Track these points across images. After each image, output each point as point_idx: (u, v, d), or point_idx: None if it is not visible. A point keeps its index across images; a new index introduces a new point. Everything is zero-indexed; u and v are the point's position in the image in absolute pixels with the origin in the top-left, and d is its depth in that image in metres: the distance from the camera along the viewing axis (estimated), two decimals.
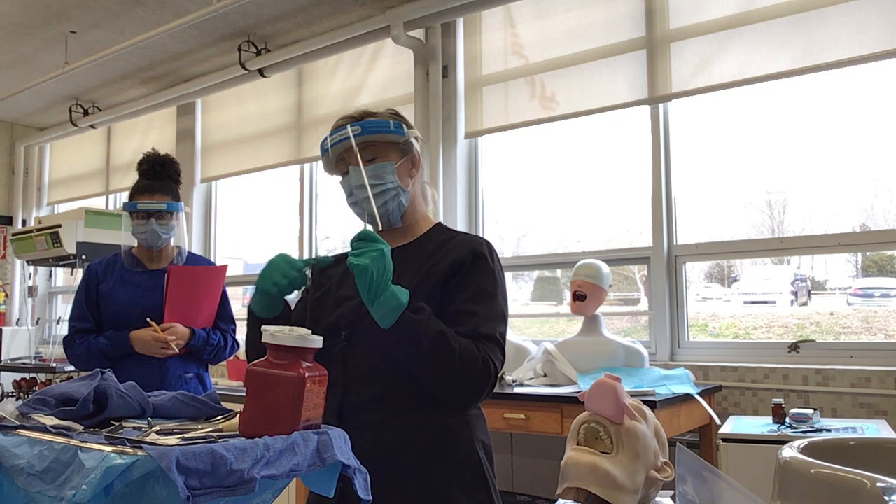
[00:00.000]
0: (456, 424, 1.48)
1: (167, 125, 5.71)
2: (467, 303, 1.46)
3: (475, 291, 1.47)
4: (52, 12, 4.32)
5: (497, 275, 1.52)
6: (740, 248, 3.32)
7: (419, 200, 1.64)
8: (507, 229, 4.21)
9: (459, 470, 1.47)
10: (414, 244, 1.59)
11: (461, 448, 1.48)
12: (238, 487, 0.88)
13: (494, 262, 1.53)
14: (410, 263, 1.53)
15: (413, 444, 1.45)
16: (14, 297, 6.36)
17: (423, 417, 1.46)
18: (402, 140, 1.58)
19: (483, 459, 1.49)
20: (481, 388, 1.43)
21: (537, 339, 3.59)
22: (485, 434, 1.54)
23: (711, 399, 2.94)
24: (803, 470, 0.72)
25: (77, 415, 1.07)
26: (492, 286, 1.49)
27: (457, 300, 1.47)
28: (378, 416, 1.45)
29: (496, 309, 1.48)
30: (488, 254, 1.52)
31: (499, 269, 1.53)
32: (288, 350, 1.04)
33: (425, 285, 1.48)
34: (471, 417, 1.51)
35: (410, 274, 1.50)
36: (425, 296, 1.46)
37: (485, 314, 1.45)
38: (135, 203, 2.52)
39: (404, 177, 1.59)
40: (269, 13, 4.20)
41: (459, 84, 4.05)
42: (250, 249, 5.79)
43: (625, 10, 3.52)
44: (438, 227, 1.64)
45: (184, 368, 2.55)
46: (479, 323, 1.44)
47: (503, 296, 1.52)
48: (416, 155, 1.61)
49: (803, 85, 3.18)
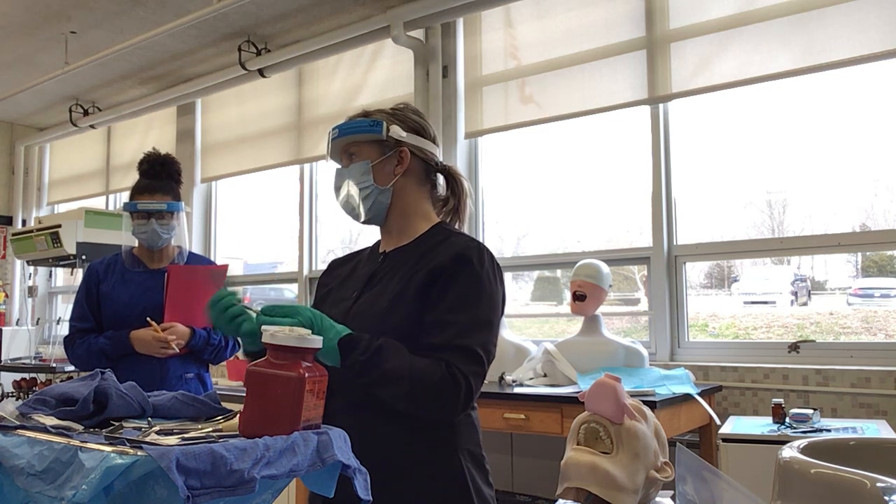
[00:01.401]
0: (438, 434, 1.43)
1: (167, 125, 5.71)
2: (447, 312, 1.40)
3: (455, 299, 1.41)
4: (52, 12, 4.32)
5: (485, 281, 1.44)
6: (740, 248, 3.32)
7: (414, 199, 1.58)
8: (507, 229, 4.21)
9: (441, 482, 1.42)
10: (410, 246, 1.55)
11: (443, 459, 1.43)
12: (238, 487, 0.88)
13: (484, 266, 1.44)
14: (401, 267, 1.51)
15: (391, 453, 1.40)
16: (14, 297, 6.37)
17: (402, 426, 1.41)
18: (379, 138, 1.54)
19: (468, 470, 1.44)
20: (449, 407, 1.37)
21: (537, 339, 3.59)
22: (473, 442, 1.49)
23: (711, 399, 2.94)
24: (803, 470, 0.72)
25: (77, 415, 1.07)
26: (474, 293, 1.42)
27: (437, 308, 1.41)
28: (356, 422, 1.34)
29: (479, 318, 1.41)
30: (476, 258, 1.44)
31: (489, 274, 1.45)
32: (288, 350, 1.04)
33: (407, 291, 1.45)
34: (457, 425, 1.46)
35: (398, 278, 1.48)
36: (407, 304, 1.43)
37: (464, 323, 1.39)
38: (135, 203, 2.52)
39: (384, 175, 1.54)
40: (269, 13, 4.20)
41: (459, 84, 4.05)
42: (250, 249, 5.80)
43: (625, 10, 3.52)
44: (436, 228, 1.57)
45: (184, 368, 2.55)
46: (457, 334, 1.38)
47: (489, 303, 1.44)
48: (405, 152, 1.55)
49: (803, 85, 3.18)
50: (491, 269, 1.46)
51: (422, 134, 1.58)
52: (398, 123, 1.56)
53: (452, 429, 1.45)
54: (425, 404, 1.37)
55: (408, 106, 1.62)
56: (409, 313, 1.43)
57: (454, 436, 1.45)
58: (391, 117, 1.57)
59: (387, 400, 1.38)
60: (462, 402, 1.37)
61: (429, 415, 1.40)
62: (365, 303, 1.50)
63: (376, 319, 1.45)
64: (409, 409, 1.38)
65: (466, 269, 1.43)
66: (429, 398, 1.36)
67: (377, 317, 1.45)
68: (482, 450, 1.52)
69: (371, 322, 1.45)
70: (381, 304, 1.47)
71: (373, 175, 1.54)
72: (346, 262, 1.69)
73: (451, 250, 1.46)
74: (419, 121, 1.60)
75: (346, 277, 1.61)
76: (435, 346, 1.38)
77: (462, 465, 1.44)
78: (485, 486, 1.49)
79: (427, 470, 1.42)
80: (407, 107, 1.62)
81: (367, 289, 1.53)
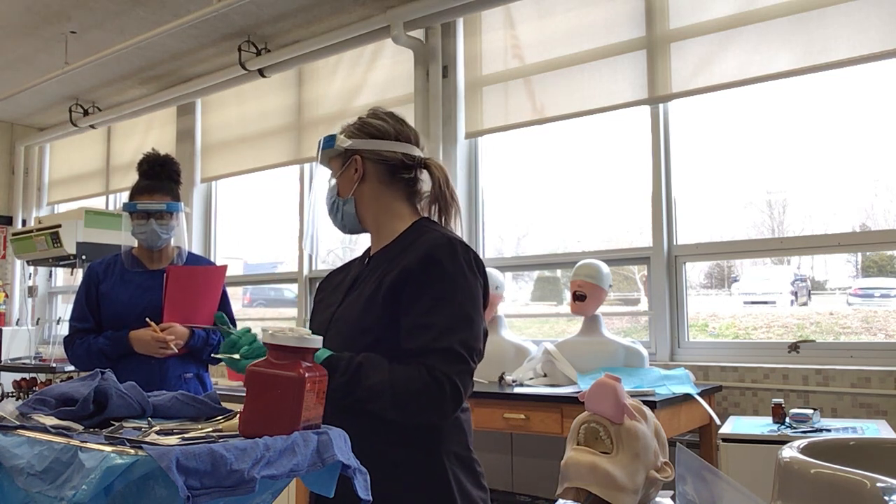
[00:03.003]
0: (421, 436, 1.42)
1: (167, 125, 5.71)
2: (422, 315, 1.39)
3: (429, 301, 1.39)
4: (52, 12, 4.32)
5: (458, 277, 1.41)
6: (740, 248, 3.32)
7: (383, 202, 1.57)
8: (507, 229, 4.20)
9: (423, 486, 1.41)
10: (390, 246, 1.55)
11: (426, 462, 1.42)
12: (238, 487, 0.88)
13: (456, 262, 1.42)
14: (374, 271, 1.52)
15: (372, 456, 1.35)
16: (14, 297, 6.36)
17: (383, 429, 1.40)
18: (338, 152, 1.58)
19: (453, 473, 1.42)
20: (436, 411, 1.37)
21: (537, 339, 3.59)
22: (460, 444, 1.47)
23: (711, 399, 2.94)
24: (803, 470, 0.72)
25: (77, 415, 1.07)
26: (448, 292, 1.40)
27: (411, 312, 1.40)
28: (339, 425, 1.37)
29: (456, 316, 1.39)
30: (447, 255, 1.42)
31: (462, 269, 1.42)
32: (288, 350, 1.04)
33: (375, 297, 1.45)
34: (440, 428, 1.44)
35: (370, 284, 1.49)
36: (377, 310, 1.43)
37: (442, 325, 1.37)
38: (135, 203, 2.52)
39: (345, 186, 1.57)
40: (269, 13, 4.20)
41: (459, 84, 4.05)
42: (250, 249, 5.80)
43: (625, 10, 3.52)
44: (415, 226, 1.56)
45: (183, 368, 2.55)
46: (435, 337, 1.37)
47: (469, 296, 1.42)
48: (357, 159, 1.55)
49: (803, 85, 3.18)
50: (466, 262, 1.44)
51: (381, 136, 1.57)
52: (354, 132, 1.57)
53: (435, 432, 1.43)
54: (414, 412, 1.37)
55: (375, 110, 1.61)
56: (380, 316, 1.43)
57: (439, 438, 1.44)
58: (350, 127, 1.59)
59: (376, 413, 1.38)
60: (450, 403, 1.36)
61: (420, 420, 1.40)
62: (345, 307, 1.52)
63: (352, 323, 1.46)
64: (399, 418, 1.38)
65: (436, 269, 1.41)
66: (415, 406, 1.36)
67: (353, 321, 1.47)
68: (472, 452, 1.50)
69: (347, 327, 1.47)
70: (357, 308, 1.48)
71: (338, 188, 1.58)
72: (342, 270, 1.70)
73: (420, 250, 1.44)
74: (378, 123, 1.58)
75: (339, 285, 1.62)
76: (414, 351, 1.38)
77: (446, 468, 1.42)
78: (474, 488, 1.46)
79: (411, 475, 1.41)
80: (373, 111, 1.61)
81: (350, 293, 1.54)
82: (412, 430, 1.42)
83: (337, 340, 1.44)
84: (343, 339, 1.44)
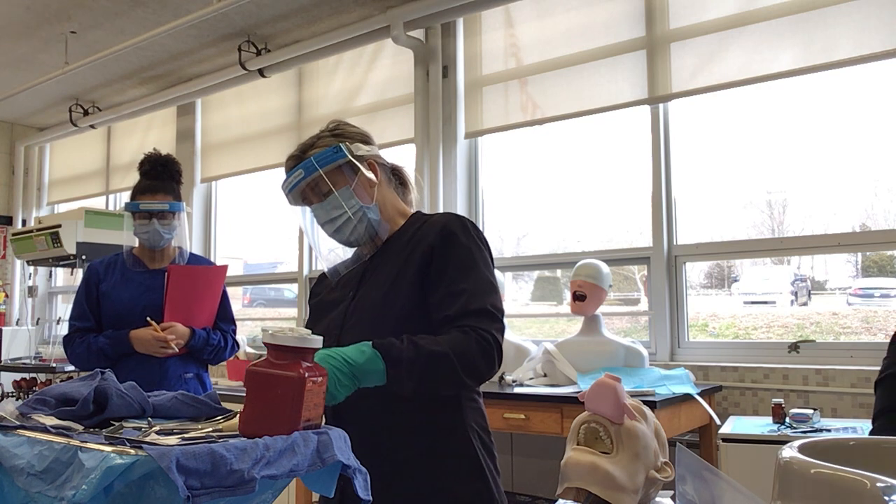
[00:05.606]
0: (449, 417, 1.49)
1: (167, 125, 5.71)
2: (453, 283, 1.46)
3: (455, 269, 1.47)
4: (52, 12, 4.32)
5: (474, 246, 1.50)
6: (740, 248, 3.32)
7: (391, 202, 1.63)
8: (507, 229, 4.20)
9: (455, 462, 1.47)
10: (393, 238, 1.60)
11: (455, 440, 1.48)
12: (238, 487, 0.88)
13: (469, 234, 1.51)
14: (388, 260, 1.56)
15: (406, 438, 1.46)
16: (14, 297, 6.36)
17: (414, 412, 1.46)
18: (346, 161, 1.55)
19: (479, 449, 1.49)
20: (488, 365, 1.42)
21: (537, 339, 3.59)
22: (481, 425, 1.54)
23: (711, 399, 2.94)
24: (803, 470, 0.72)
25: (77, 415, 1.07)
26: (470, 259, 1.48)
27: (442, 283, 1.46)
28: (368, 413, 1.45)
29: (482, 280, 1.47)
30: (460, 228, 1.51)
31: (476, 240, 1.52)
32: (288, 350, 1.04)
33: (402, 278, 1.49)
34: (465, 408, 1.51)
35: (387, 270, 1.53)
36: (405, 288, 1.48)
37: (471, 289, 1.45)
38: (137, 203, 2.52)
39: (365, 192, 1.56)
40: (269, 13, 4.20)
41: (459, 84, 4.05)
42: (250, 249, 5.80)
43: (625, 10, 3.52)
44: (414, 217, 1.63)
45: (184, 368, 2.55)
46: (468, 300, 1.43)
47: (486, 265, 1.51)
48: (372, 164, 1.58)
49: (803, 85, 3.18)
50: (476, 235, 1.53)
51: (369, 141, 1.62)
52: (349, 140, 1.58)
53: (461, 411, 1.50)
54: (472, 369, 1.41)
55: (339, 122, 1.63)
56: (410, 295, 1.48)
57: (464, 418, 1.50)
58: (338, 138, 1.58)
59: (438, 387, 1.41)
60: (497, 358, 1.43)
61: (477, 377, 1.44)
62: (362, 297, 1.54)
63: (376, 309, 1.49)
64: (461, 381, 1.41)
65: (455, 241, 1.49)
66: (472, 363, 1.40)
67: (376, 307, 1.49)
68: (489, 432, 1.56)
69: (371, 313, 1.49)
70: (379, 294, 1.51)
71: (357, 196, 1.56)
72: (335, 272, 1.70)
73: (436, 227, 1.52)
74: (356, 129, 1.63)
75: (340, 283, 1.64)
76: (452, 316, 1.43)
77: (474, 445, 1.49)
78: (493, 466, 1.53)
79: (443, 453, 1.47)
80: (339, 123, 1.63)
81: (362, 285, 1.56)
82: (445, 413, 1.48)
83: (357, 330, 1.46)
84: (367, 327, 1.46)
